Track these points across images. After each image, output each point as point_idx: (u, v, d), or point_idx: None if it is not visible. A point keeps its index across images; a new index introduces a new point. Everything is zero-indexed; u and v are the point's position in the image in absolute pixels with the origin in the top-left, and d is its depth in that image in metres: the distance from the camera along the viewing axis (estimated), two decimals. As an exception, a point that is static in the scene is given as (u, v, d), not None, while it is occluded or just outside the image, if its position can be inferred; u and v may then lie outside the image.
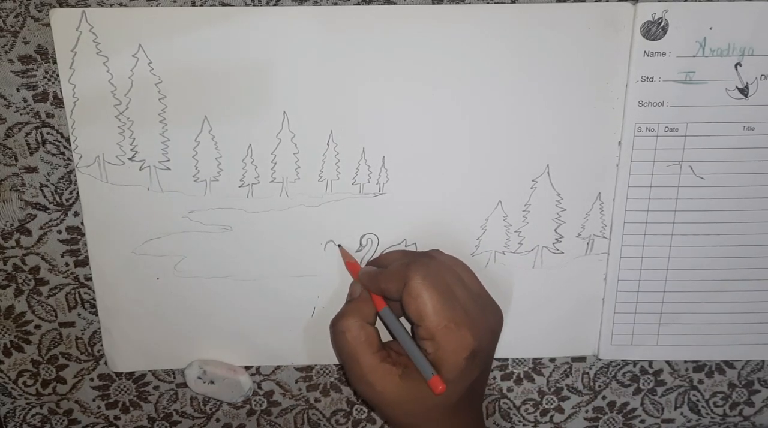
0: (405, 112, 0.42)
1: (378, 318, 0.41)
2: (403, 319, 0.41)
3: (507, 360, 0.48)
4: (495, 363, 0.48)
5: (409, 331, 0.40)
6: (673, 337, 0.47)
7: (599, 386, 0.49)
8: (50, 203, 0.43)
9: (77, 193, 0.43)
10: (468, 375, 0.38)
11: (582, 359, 0.48)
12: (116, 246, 0.44)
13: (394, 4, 0.40)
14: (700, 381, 0.49)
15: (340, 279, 0.45)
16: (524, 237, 0.45)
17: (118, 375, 0.47)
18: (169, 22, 0.39)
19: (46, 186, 0.43)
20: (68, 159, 0.42)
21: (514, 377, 0.48)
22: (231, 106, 0.41)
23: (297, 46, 0.40)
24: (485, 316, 0.39)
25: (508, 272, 0.45)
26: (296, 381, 0.48)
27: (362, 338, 0.39)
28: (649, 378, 0.49)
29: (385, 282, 0.39)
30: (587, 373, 0.49)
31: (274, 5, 0.40)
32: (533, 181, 0.43)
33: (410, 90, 0.41)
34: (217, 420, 0.49)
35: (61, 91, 0.41)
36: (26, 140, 0.42)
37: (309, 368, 0.48)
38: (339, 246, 0.44)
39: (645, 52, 0.41)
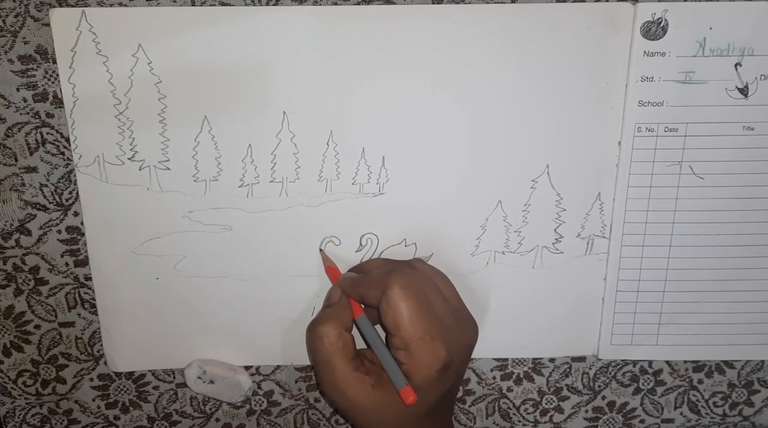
0: (405, 112, 0.42)
1: (353, 325, 0.41)
2: (378, 328, 0.41)
3: (507, 360, 0.48)
4: (495, 363, 0.48)
5: (384, 340, 0.40)
6: (672, 337, 0.47)
7: (599, 386, 0.49)
8: (50, 203, 0.43)
9: (77, 193, 0.43)
10: (439, 387, 0.38)
11: (582, 359, 0.48)
12: (116, 246, 0.44)
13: (394, 4, 0.40)
14: (700, 381, 0.49)
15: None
16: (524, 237, 0.45)
17: (118, 375, 0.47)
18: (169, 22, 0.39)
19: (46, 186, 0.43)
20: (68, 159, 0.42)
21: (514, 377, 0.48)
22: (231, 106, 0.41)
23: (297, 46, 0.40)
24: (461, 330, 0.39)
25: (507, 272, 0.45)
26: (296, 381, 0.48)
27: (339, 345, 0.39)
28: (648, 378, 0.49)
29: (365, 289, 0.39)
30: (587, 373, 0.49)
31: (274, 5, 0.40)
32: (533, 181, 0.43)
33: (410, 90, 0.41)
34: (217, 419, 0.49)
35: (60, 91, 0.41)
36: (26, 140, 0.42)
37: (309, 368, 0.48)
38: (320, 250, 0.44)
39: (645, 52, 0.41)
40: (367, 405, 0.38)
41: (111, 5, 0.39)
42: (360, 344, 0.41)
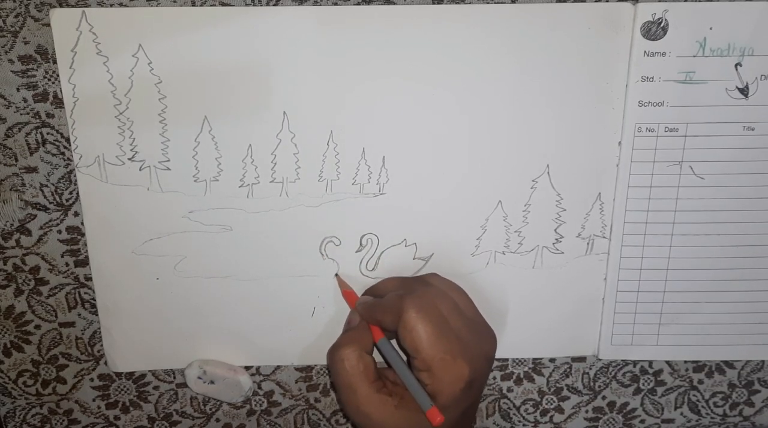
0: (405, 112, 0.42)
1: (374, 348, 0.41)
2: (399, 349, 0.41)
3: (507, 360, 0.48)
4: (495, 364, 0.48)
5: (406, 361, 0.40)
6: (673, 337, 0.47)
7: (599, 386, 0.49)
8: (50, 203, 0.43)
9: (77, 193, 0.43)
10: (463, 403, 0.38)
11: (582, 359, 0.48)
12: (116, 246, 0.44)
13: (394, 4, 0.40)
14: (700, 381, 0.49)
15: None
16: (524, 238, 0.45)
17: (118, 375, 0.47)
18: (169, 22, 0.39)
19: (46, 186, 0.43)
20: (68, 159, 0.42)
21: (514, 377, 0.48)
22: (231, 106, 0.41)
23: (297, 46, 0.40)
24: (480, 343, 0.39)
25: (508, 272, 0.45)
26: (296, 381, 0.48)
27: (360, 368, 0.39)
28: (649, 378, 0.49)
29: (381, 315, 0.40)
30: (587, 373, 0.49)
31: (274, 5, 0.40)
32: (533, 181, 0.43)
33: (410, 90, 0.41)
34: (217, 420, 0.49)
35: (61, 91, 0.41)
36: (26, 140, 0.42)
37: (309, 368, 0.48)
38: (336, 275, 0.44)
39: (645, 52, 0.41)
40: (393, 426, 0.38)
41: (111, 5, 0.39)
42: (382, 366, 0.41)
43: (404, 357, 0.40)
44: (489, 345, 0.41)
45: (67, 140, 0.42)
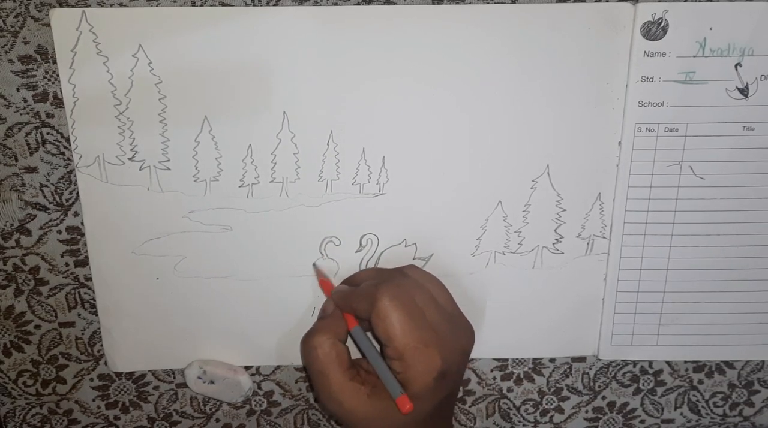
0: (405, 112, 0.42)
1: (349, 336, 0.41)
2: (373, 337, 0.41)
3: (507, 360, 0.48)
4: (495, 364, 0.48)
5: (379, 350, 0.40)
6: (673, 337, 0.47)
7: (599, 386, 0.49)
8: (50, 203, 0.43)
9: (77, 193, 0.43)
10: (436, 394, 0.38)
11: (582, 359, 0.48)
12: (116, 246, 0.44)
13: (394, 4, 0.40)
14: (700, 382, 0.49)
15: (339, 280, 0.45)
16: (524, 238, 0.45)
17: (118, 375, 0.47)
18: (169, 22, 0.39)
19: (46, 186, 0.43)
20: (68, 159, 0.42)
21: (514, 377, 0.48)
22: (231, 106, 0.41)
23: (297, 46, 0.40)
24: (456, 336, 0.39)
25: (508, 272, 0.45)
26: (296, 381, 0.48)
27: (333, 355, 0.39)
28: (649, 379, 0.49)
29: (356, 302, 0.40)
30: (587, 373, 0.49)
31: (274, 5, 0.40)
32: (533, 181, 0.43)
33: (410, 90, 0.41)
34: (217, 420, 0.49)
35: (61, 91, 0.41)
36: (26, 140, 0.42)
37: (309, 368, 0.48)
38: (314, 264, 0.44)
39: (645, 52, 0.41)
40: (364, 414, 0.38)
41: (111, 5, 0.39)
42: (356, 355, 0.41)
43: (377, 346, 0.40)
44: (466, 339, 0.41)
45: (67, 140, 0.42)
